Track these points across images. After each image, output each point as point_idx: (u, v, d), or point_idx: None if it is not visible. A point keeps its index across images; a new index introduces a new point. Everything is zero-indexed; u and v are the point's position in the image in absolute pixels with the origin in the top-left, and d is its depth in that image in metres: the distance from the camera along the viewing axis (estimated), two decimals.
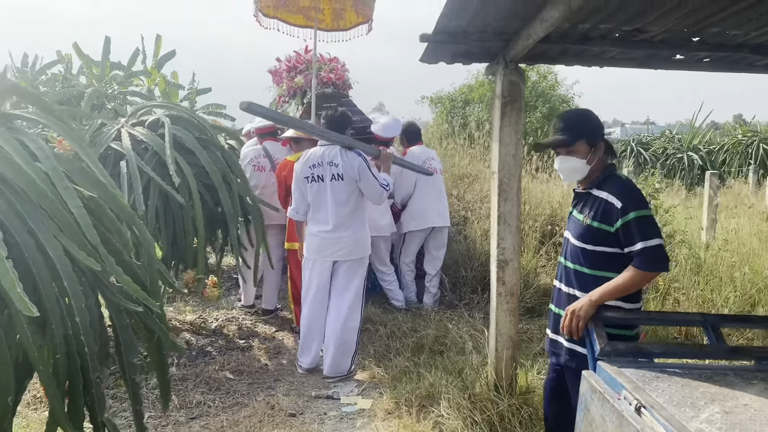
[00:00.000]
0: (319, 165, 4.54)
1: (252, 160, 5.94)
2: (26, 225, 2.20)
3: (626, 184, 2.72)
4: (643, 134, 22.18)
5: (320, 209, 4.56)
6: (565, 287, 2.85)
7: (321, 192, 4.53)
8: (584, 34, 3.51)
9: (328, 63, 7.45)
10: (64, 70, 7.80)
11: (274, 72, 7.99)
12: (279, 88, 7.86)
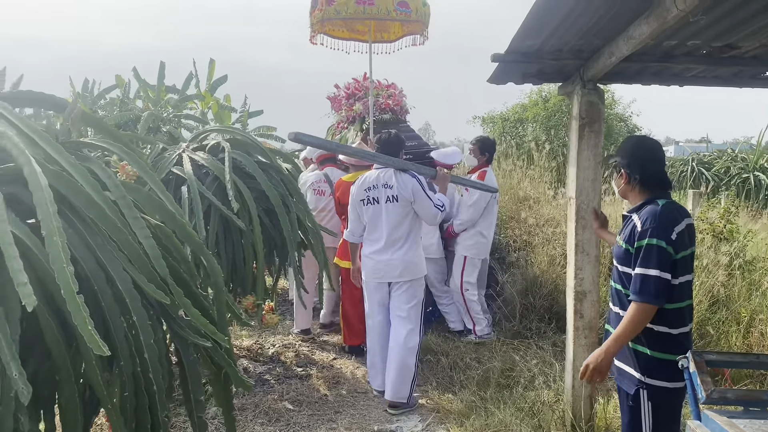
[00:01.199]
0: (374, 187, 4.56)
1: (313, 185, 6.01)
2: (96, 257, 2.13)
3: (656, 210, 2.65)
4: (702, 153, 21.41)
5: (375, 230, 4.59)
6: (612, 306, 2.87)
7: (376, 214, 4.56)
8: (667, 51, 3.31)
9: (385, 89, 7.45)
10: (122, 94, 7.96)
11: (333, 99, 8.05)
12: (338, 115, 7.90)
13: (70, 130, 2.48)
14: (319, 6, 6.32)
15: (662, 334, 2.60)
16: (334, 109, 8.09)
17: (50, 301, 2.03)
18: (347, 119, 7.62)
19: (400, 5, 6.23)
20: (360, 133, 7.07)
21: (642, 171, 2.77)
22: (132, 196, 2.36)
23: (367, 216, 4.60)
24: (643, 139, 2.97)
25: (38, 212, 1.85)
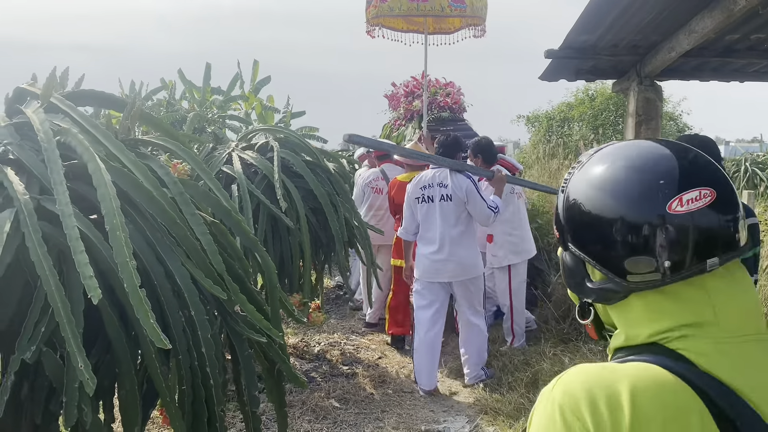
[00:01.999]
0: (429, 186, 4.63)
1: (371, 182, 6.12)
2: (155, 252, 2.16)
3: None
4: (756, 153, 20.72)
5: (429, 229, 4.64)
6: None
7: (430, 212, 4.62)
8: (729, 45, 3.20)
9: (444, 87, 7.49)
10: (168, 95, 8.12)
11: (390, 96, 8.17)
12: (396, 112, 8.02)
13: (129, 128, 2.54)
14: (373, 3, 6.36)
15: None
16: (392, 106, 8.20)
17: (111, 294, 2.07)
18: (405, 116, 7.70)
19: (454, 1, 6.15)
20: (418, 130, 7.05)
21: None
22: (189, 193, 2.40)
23: (421, 214, 4.66)
24: (697, 137, 2.93)
25: (102, 207, 1.89)
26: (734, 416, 0.81)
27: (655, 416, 0.81)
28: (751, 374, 0.85)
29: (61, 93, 2.50)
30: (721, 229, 0.90)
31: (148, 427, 3.93)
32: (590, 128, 13.58)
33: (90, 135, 2.21)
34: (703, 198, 0.88)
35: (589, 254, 0.97)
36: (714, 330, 0.88)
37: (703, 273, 0.89)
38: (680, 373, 0.85)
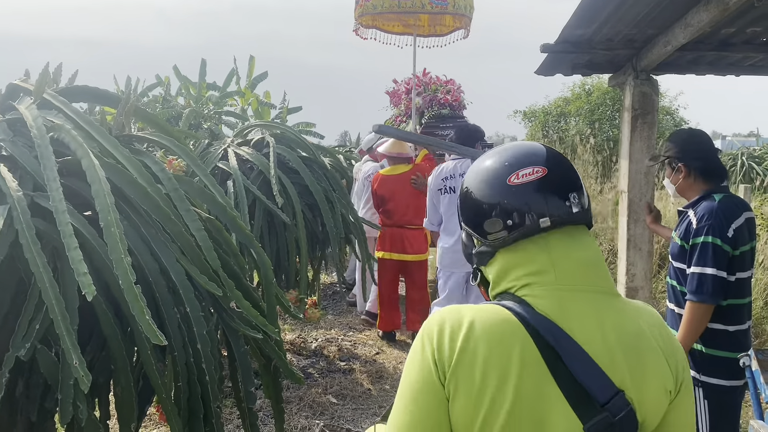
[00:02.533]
0: (451, 177, 4.70)
1: (370, 176, 6.19)
2: (150, 248, 2.16)
3: (713, 207, 2.56)
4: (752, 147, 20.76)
5: (451, 219, 4.69)
6: (668, 303, 2.81)
7: (452, 203, 4.65)
8: (725, 39, 3.20)
9: (444, 85, 7.71)
10: (164, 92, 8.10)
11: (392, 93, 8.44)
12: (397, 109, 8.27)
13: (123, 124, 2.52)
14: (360, 2, 6.56)
15: (717, 331, 2.52)
16: (393, 103, 8.44)
17: (106, 291, 2.07)
18: (406, 113, 7.88)
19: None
20: (419, 127, 7.27)
21: (699, 162, 2.67)
22: (184, 189, 2.39)
23: (443, 205, 4.72)
24: (694, 131, 2.92)
25: (96, 204, 1.88)
26: (556, 345, 1.06)
27: (482, 338, 1.07)
28: (575, 315, 1.10)
29: (54, 89, 2.49)
30: (551, 197, 1.16)
31: (145, 423, 3.93)
32: (587, 123, 13.57)
33: (84, 131, 2.20)
34: (535, 173, 1.17)
35: (469, 225, 1.25)
36: (551, 279, 1.13)
37: (538, 231, 1.15)
38: (518, 313, 1.10)
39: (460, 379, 1.08)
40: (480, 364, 1.07)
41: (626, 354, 1.10)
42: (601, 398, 1.06)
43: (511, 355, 1.07)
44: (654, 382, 1.11)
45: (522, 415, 1.06)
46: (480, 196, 1.22)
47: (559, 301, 1.12)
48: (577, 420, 1.06)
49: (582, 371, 1.07)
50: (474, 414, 1.07)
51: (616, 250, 5.81)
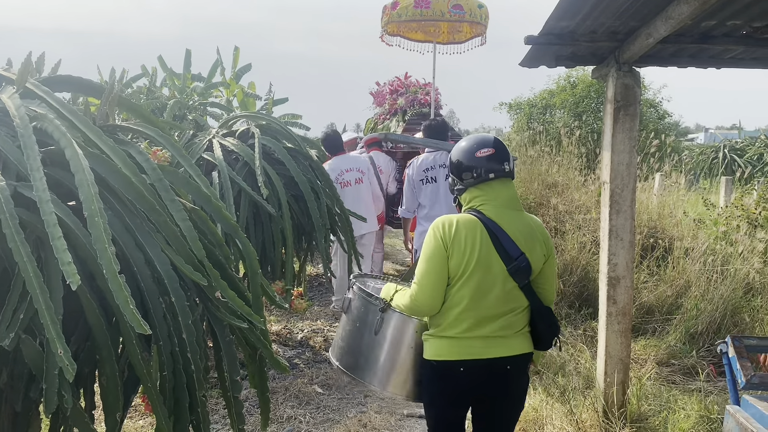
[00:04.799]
0: (432, 168, 5.14)
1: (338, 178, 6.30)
2: (134, 238, 2.15)
3: None
4: (734, 140, 21.01)
5: (434, 206, 5.07)
6: None
7: (435, 191, 5.11)
8: (706, 32, 3.24)
9: (424, 87, 8.58)
10: (149, 82, 8.02)
11: (375, 94, 9.25)
12: (381, 108, 9.06)
13: (107, 114, 2.51)
14: (387, 11, 7.36)
15: None
16: (377, 103, 9.24)
17: (91, 281, 2.07)
18: (390, 111, 8.71)
19: (454, 8, 6.94)
20: (402, 123, 8.06)
21: None
22: (169, 179, 2.39)
23: (426, 194, 5.13)
24: None
25: (80, 193, 1.88)
26: (495, 231, 2.37)
27: (463, 228, 2.37)
28: (504, 219, 2.40)
29: (37, 78, 2.47)
30: (495, 163, 2.45)
31: (131, 414, 3.93)
32: (572, 115, 13.65)
33: (67, 121, 2.18)
34: (489, 151, 2.46)
35: (454, 174, 2.55)
36: (494, 203, 2.43)
37: (488, 180, 2.45)
38: (478, 217, 2.40)
39: (454, 247, 2.37)
40: (462, 239, 2.37)
41: (526, 237, 2.42)
42: (514, 255, 2.38)
43: (476, 236, 2.38)
44: (537, 250, 2.44)
45: (480, 262, 2.36)
46: (461, 160, 2.52)
47: (497, 212, 2.43)
48: (503, 264, 2.37)
49: (506, 243, 2.38)
50: (460, 263, 2.36)
51: (598, 240, 5.88)
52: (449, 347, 2.38)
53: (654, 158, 7.22)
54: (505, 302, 2.37)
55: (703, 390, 4.05)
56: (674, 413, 3.60)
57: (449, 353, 2.38)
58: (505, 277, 2.35)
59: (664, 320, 5.09)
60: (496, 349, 2.37)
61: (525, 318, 2.44)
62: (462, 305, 2.35)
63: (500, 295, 2.35)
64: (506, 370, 2.39)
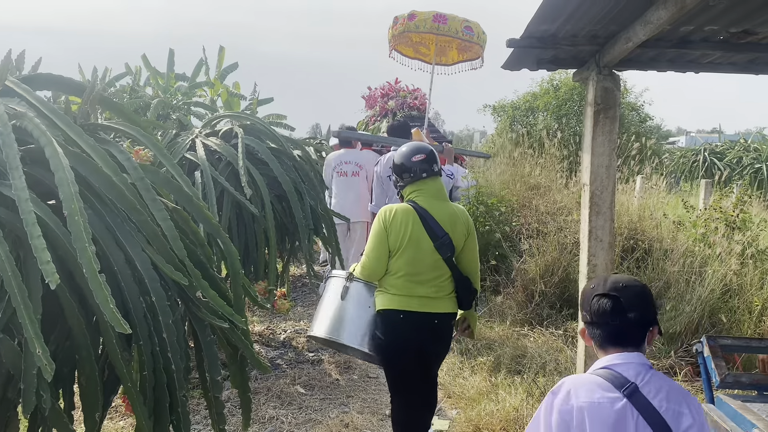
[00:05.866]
0: None
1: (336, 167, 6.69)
2: (115, 237, 2.15)
3: None
4: (714, 143, 21.28)
5: None
6: None
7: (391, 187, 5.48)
8: (684, 37, 3.29)
9: (412, 92, 9.55)
10: (132, 81, 7.97)
11: (367, 98, 10.26)
12: (372, 110, 9.98)
13: (88, 112, 2.50)
14: (401, 21, 7.67)
15: None
16: (368, 106, 10.26)
17: (70, 280, 2.06)
18: (380, 113, 9.62)
19: (466, 28, 7.74)
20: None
21: None
22: (150, 179, 2.38)
23: (392, 190, 5.24)
24: None
25: (60, 192, 1.87)
26: (425, 216, 3.13)
27: (400, 213, 3.15)
28: (433, 207, 3.17)
29: (17, 76, 2.45)
30: (427, 165, 3.22)
31: (111, 415, 3.90)
32: (554, 118, 13.75)
33: (47, 119, 2.17)
34: (422, 157, 3.22)
35: (396, 174, 3.32)
36: (426, 195, 3.21)
37: (421, 178, 3.22)
38: (412, 206, 3.17)
39: (392, 228, 3.12)
40: (398, 222, 3.12)
41: (449, 221, 3.15)
42: (439, 234, 3.11)
43: (408, 220, 3.12)
44: (459, 231, 3.17)
45: (412, 239, 3.10)
46: (402, 164, 3.24)
47: (427, 202, 3.17)
48: (431, 241, 3.11)
49: (433, 225, 3.11)
50: (396, 239, 3.11)
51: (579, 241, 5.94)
52: (392, 301, 3.14)
53: (635, 161, 7.29)
54: (433, 270, 3.13)
55: None
56: None
57: (391, 304, 3.13)
58: (433, 251, 3.12)
59: None
60: (428, 307, 3.13)
61: (450, 285, 3.20)
62: (401, 272, 3.12)
63: (429, 264, 3.12)
64: (434, 323, 3.16)
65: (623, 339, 1.76)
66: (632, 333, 1.75)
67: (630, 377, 1.69)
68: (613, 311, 1.75)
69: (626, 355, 1.74)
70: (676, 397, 1.68)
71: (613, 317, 1.75)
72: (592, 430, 1.63)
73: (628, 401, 1.65)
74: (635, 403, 1.65)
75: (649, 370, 1.73)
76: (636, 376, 1.70)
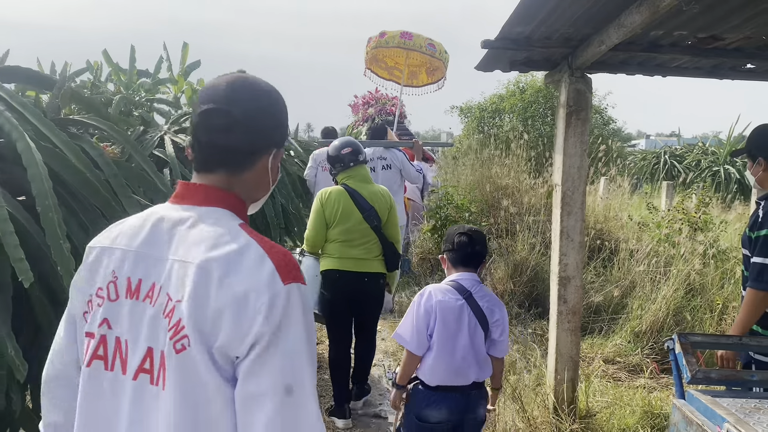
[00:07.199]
0: (372, 160, 5.97)
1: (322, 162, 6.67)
2: (89, 235, 2.10)
3: None
4: (674, 146, 21.80)
5: None
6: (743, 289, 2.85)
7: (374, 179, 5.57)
8: (654, 41, 3.35)
9: (391, 100, 11.01)
10: (93, 77, 7.79)
11: (353, 106, 11.85)
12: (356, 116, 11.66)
13: (59, 106, 2.44)
14: (374, 39, 9.02)
15: None
16: (353, 112, 11.93)
17: (41, 279, 2.00)
18: (363, 119, 11.18)
19: (429, 45, 9.01)
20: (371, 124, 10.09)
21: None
22: (123, 175, 2.34)
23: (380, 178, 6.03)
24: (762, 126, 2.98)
25: (33, 188, 1.82)
26: (355, 195, 3.91)
27: (333, 194, 3.92)
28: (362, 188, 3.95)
29: None
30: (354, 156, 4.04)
31: None
32: (520, 120, 13.90)
33: (17, 113, 2.11)
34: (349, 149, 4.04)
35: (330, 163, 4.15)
36: (355, 179, 3.99)
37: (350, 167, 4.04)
38: (345, 188, 3.95)
39: (327, 205, 3.89)
40: (332, 200, 3.89)
41: (374, 198, 3.95)
42: (366, 208, 3.90)
43: (341, 198, 3.89)
44: (382, 205, 3.97)
45: (344, 213, 3.86)
46: (334, 155, 4.02)
47: (356, 184, 3.95)
48: (360, 214, 3.87)
49: (362, 201, 3.89)
50: (331, 213, 3.88)
51: (547, 241, 6.02)
52: (331, 262, 3.90)
53: (601, 162, 7.43)
54: (363, 237, 3.90)
55: (647, 386, 4.20)
56: (621, 409, 3.72)
57: (331, 265, 3.90)
58: (362, 220, 3.88)
59: (610, 320, 5.25)
60: (360, 267, 3.89)
61: (377, 248, 3.96)
62: (338, 240, 3.89)
63: (360, 231, 3.88)
64: (365, 281, 3.92)
65: (468, 262, 2.73)
66: (474, 259, 2.74)
67: (467, 287, 2.66)
68: (468, 244, 2.71)
69: (468, 273, 2.71)
70: (491, 302, 2.69)
71: (466, 247, 2.71)
72: (443, 317, 2.57)
73: (465, 302, 2.62)
74: (469, 304, 2.63)
75: (479, 284, 2.71)
76: (471, 287, 2.67)
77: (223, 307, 1.03)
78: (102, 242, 1.20)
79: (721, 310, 5.06)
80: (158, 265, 1.11)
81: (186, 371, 1.04)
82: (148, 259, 1.13)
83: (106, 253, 1.18)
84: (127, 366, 1.10)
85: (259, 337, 1.02)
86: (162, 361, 1.06)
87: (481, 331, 2.64)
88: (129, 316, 1.11)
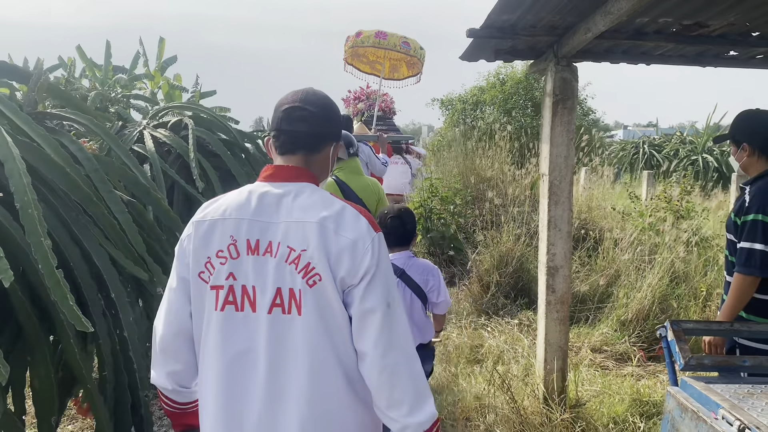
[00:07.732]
0: None
1: None
2: (70, 231, 2.04)
3: (765, 186, 2.66)
4: (652, 136, 21.99)
5: None
6: (726, 275, 2.87)
7: None
8: (639, 28, 3.35)
9: (381, 96, 11.05)
10: (67, 73, 7.64)
11: (346, 100, 11.95)
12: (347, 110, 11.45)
13: (35, 100, 2.36)
14: (351, 38, 9.59)
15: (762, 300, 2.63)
16: (346, 106, 11.85)
17: (21, 277, 1.93)
18: (354, 114, 11.10)
19: (404, 44, 9.55)
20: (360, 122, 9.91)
21: (763, 142, 2.76)
22: (104, 170, 2.27)
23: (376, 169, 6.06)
24: (760, 113, 2.96)
25: (11, 183, 1.75)
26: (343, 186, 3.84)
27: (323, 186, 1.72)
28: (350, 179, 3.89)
29: None
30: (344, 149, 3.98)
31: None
32: (501, 111, 13.92)
33: None
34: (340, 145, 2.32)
35: None
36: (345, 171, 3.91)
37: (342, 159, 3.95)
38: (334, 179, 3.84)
39: None
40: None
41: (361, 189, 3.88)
42: (355, 200, 3.65)
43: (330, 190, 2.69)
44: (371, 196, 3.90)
45: None
46: None
47: (345, 176, 3.88)
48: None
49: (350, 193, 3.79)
50: None
51: (532, 232, 6.02)
52: None
53: (584, 153, 7.46)
54: None
55: (635, 374, 4.22)
56: (610, 397, 3.73)
57: None
58: None
59: (597, 309, 5.27)
60: None
61: None
62: None
63: None
64: None
65: (402, 242, 2.91)
66: (406, 238, 2.93)
67: (401, 266, 2.86)
68: (401, 225, 2.89)
69: (401, 252, 2.91)
70: (424, 272, 2.91)
71: (399, 228, 2.88)
72: None
73: (400, 279, 2.83)
74: (404, 280, 2.85)
75: (412, 258, 2.94)
76: (404, 264, 2.88)
77: (341, 250, 1.40)
78: (212, 215, 1.50)
79: (705, 297, 5.10)
80: (271, 227, 1.44)
81: (320, 298, 1.40)
82: (260, 224, 1.44)
83: (218, 224, 1.47)
84: (256, 305, 1.42)
85: (368, 269, 1.41)
86: (291, 295, 1.41)
87: (419, 301, 2.90)
88: (253, 268, 1.42)
